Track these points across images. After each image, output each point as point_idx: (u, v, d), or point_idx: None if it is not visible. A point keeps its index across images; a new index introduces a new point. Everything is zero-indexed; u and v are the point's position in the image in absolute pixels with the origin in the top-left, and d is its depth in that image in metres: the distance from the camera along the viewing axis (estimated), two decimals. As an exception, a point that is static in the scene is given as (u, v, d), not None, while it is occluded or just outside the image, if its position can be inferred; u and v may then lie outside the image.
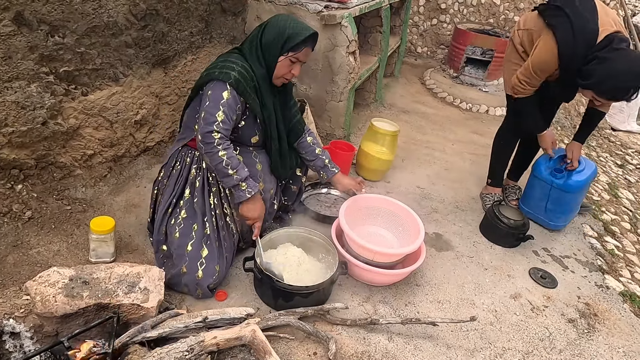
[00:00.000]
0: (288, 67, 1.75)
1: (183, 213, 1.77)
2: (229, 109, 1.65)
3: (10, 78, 1.69)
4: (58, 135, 1.94)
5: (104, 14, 1.93)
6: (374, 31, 3.58)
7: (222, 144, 1.64)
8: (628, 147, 4.57)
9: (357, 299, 1.87)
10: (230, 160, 1.65)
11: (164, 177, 1.86)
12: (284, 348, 1.58)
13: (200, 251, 1.72)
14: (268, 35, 1.73)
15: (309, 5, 2.68)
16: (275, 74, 1.77)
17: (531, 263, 2.26)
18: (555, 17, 2.05)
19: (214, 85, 1.65)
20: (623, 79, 1.91)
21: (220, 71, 1.66)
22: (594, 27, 1.97)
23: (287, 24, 1.72)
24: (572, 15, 1.99)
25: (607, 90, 1.97)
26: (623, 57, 1.92)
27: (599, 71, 1.93)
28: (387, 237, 2.16)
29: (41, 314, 1.37)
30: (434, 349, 1.69)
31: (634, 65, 1.91)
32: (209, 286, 1.70)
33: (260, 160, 1.90)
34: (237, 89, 1.65)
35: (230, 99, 1.64)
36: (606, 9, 2.07)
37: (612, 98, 2.04)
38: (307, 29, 1.73)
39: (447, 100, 4.37)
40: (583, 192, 2.42)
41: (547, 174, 2.39)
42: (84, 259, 1.84)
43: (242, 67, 1.69)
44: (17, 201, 1.88)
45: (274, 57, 1.73)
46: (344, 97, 2.88)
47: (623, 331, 1.91)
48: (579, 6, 2.02)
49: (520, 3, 5.24)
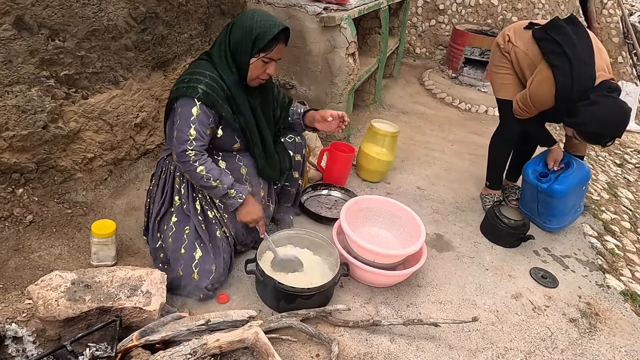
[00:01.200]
0: (261, 67, 1.68)
1: (174, 218, 1.78)
2: (200, 125, 1.61)
3: (11, 82, 1.69)
4: (59, 139, 1.94)
5: (104, 18, 1.94)
6: (372, 32, 3.59)
7: (197, 160, 1.62)
8: (627, 146, 4.58)
9: (359, 300, 1.87)
10: (210, 173, 1.64)
11: (154, 186, 1.87)
12: (286, 350, 1.58)
13: (194, 253, 1.72)
14: (235, 37, 1.65)
15: (308, 7, 2.69)
16: (249, 77, 1.70)
17: (532, 263, 2.27)
18: (555, 55, 2.03)
19: (183, 102, 1.61)
20: (605, 125, 1.95)
21: (188, 86, 1.60)
22: (592, 72, 1.99)
23: (254, 22, 1.62)
24: (572, 58, 1.98)
25: (588, 132, 2.01)
26: (611, 105, 1.95)
27: (585, 113, 1.96)
28: (388, 239, 2.16)
29: (44, 318, 1.37)
30: (437, 350, 1.69)
31: (619, 116, 1.95)
32: (206, 287, 1.69)
33: (245, 163, 1.86)
34: (207, 102, 1.60)
35: (200, 114, 1.60)
36: (601, 51, 2.07)
37: (589, 140, 2.10)
38: (275, 25, 1.64)
39: (446, 101, 4.38)
40: (571, 197, 2.35)
41: (533, 177, 2.39)
42: (85, 262, 1.84)
43: (211, 78, 1.62)
44: (18, 205, 1.88)
45: (244, 59, 1.66)
46: (343, 99, 2.88)
47: (625, 330, 1.92)
48: (578, 46, 2.01)
49: (518, 3, 5.26)
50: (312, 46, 2.76)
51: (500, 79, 2.36)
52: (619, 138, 2.05)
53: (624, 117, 1.96)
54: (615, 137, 2.01)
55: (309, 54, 2.80)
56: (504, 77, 2.34)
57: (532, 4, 5.23)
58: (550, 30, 2.09)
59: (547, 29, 2.12)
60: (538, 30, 2.16)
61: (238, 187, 1.71)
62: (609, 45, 5.48)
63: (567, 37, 2.03)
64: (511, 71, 2.31)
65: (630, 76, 5.50)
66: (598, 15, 5.53)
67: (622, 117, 1.96)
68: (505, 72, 2.32)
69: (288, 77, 2.96)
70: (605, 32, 5.53)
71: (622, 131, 2.00)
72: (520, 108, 2.25)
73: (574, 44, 2.01)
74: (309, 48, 2.78)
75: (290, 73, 2.94)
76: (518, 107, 2.26)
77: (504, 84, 2.35)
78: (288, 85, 2.96)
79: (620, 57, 5.51)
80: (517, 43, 2.23)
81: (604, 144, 2.05)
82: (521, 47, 2.21)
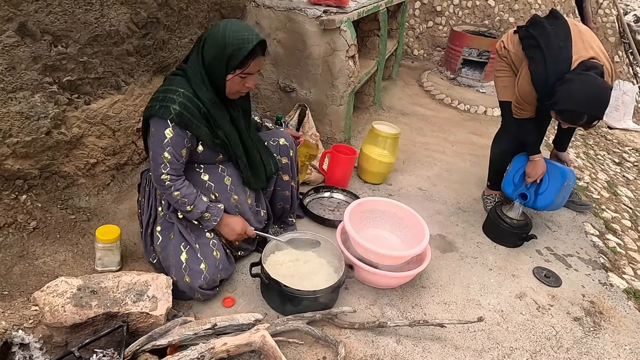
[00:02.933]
0: (240, 82, 1.62)
1: (159, 228, 1.78)
2: (174, 147, 1.58)
3: (14, 89, 1.69)
4: (62, 145, 1.94)
5: (106, 23, 1.94)
6: (371, 35, 3.60)
7: (172, 185, 1.62)
8: (625, 144, 4.61)
9: (364, 302, 1.88)
10: (186, 197, 1.64)
11: (142, 197, 1.88)
12: (293, 353, 1.58)
13: (180, 257, 1.70)
14: (209, 54, 1.57)
15: (307, 10, 2.70)
16: (227, 92, 1.64)
17: (535, 262, 2.27)
18: (531, 48, 2.10)
19: (156, 122, 1.56)
20: (579, 102, 1.88)
21: (161, 105, 1.55)
22: (567, 55, 1.97)
23: (226, 39, 1.53)
24: (545, 47, 2.02)
25: (563, 111, 1.95)
26: (584, 81, 1.88)
27: (560, 92, 1.92)
28: (391, 240, 2.17)
29: (50, 325, 1.37)
30: (443, 351, 1.69)
31: (593, 91, 1.87)
32: (200, 286, 1.67)
33: (229, 173, 1.82)
34: (180, 124, 1.55)
35: (173, 136, 1.56)
36: (582, 34, 2.05)
37: (567, 120, 2.00)
38: (249, 40, 1.54)
39: (445, 102, 4.40)
40: (558, 199, 2.34)
41: (515, 196, 2.38)
42: (90, 268, 1.84)
43: (185, 97, 1.56)
44: (22, 211, 1.88)
45: (220, 77, 1.59)
46: (344, 101, 2.89)
47: (629, 328, 1.92)
48: (552, 35, 2.03)
49: (515, 4, 5.29)
50: (312, 49, 2.77)
51: (501, 82, 2.42)
52: (599, 117, 1.93)
53: (598, 93, 1.87)
54: (594, 115, 1.91)
55: (309, 57, 2.81)
56: (503, 80, 2.40)
57: (528, 4, 5.26)
58: (529, 28, 2.17)
59: (527, 27, 2.19)
60: (521, 30, 2.23)
61: (213, 209, 1.70)
62: (606, 45, 5.51)
63: (542, 30, 2.08)
64: (510, 74, 2.36)
65: (627, 75, 5.53)
66: (594, 15, 5.57)
67: (596, 92, 1.87)
68: (505, 75, 2.39)
69: (288, 80, 2.96)
70: (601, 31, 5.56)
71: (598, 108, 1.89)
72: (515, 107, 2.28)
73: (548, 34, 2.05)
74: (309, 51, 2.79)
75: (290, 76, 2.94)
76: (514, 106, 2.29)
77: (504, 87, 2.40)
78: (288, 88, 2.97)
79: (616, 56, 5.55)
80: (509, 47, 2.31)
81: (583, 124, 1.96)
82: (512, 49, 2.29)
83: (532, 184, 2.33)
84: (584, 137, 4.38)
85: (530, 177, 2.31)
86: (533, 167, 2.31)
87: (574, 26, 2.08)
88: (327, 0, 2.79)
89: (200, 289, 1.68)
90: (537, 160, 2.30)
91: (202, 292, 1.70)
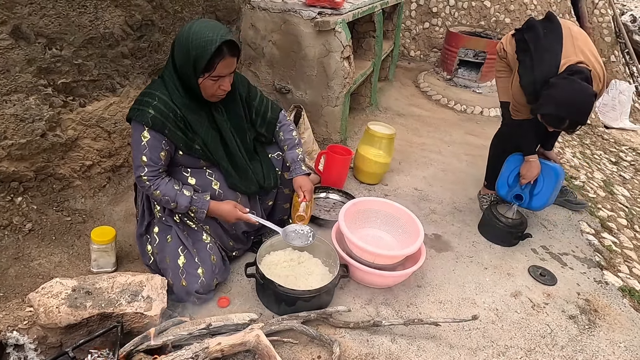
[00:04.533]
0: (213, 85, 1.57)
1: (156, 230, 1.78)
2: (151, 151, 1.59)
3: (8, 91, 1.70)
4: (57, 147, 1.95)
5: (100, 26, 1.95)
6: (367, 36, 3.62)
7: (151, 184, 1.62)
8: (622, 144, 4.62)
9: (359, 301, 1.88)
10: (167, 195, 1.64)
11: (138, 196, 1.88)
12: (288, 352, 1.59)
13: (178, 260, 1.70)
14: (178, 60, 1.55)
15: (302, 12, 2.71)
16: (204, 95, 1.61)
17: (530, 261, 2.28)
18: (522, 53, 2.13)
19: (134, 126, 1.59)
20: (560, 107, 1.88)
21: (138, 108, 1.57)
22: (556, 59, 1.97)
23: (189, 42, 1.48)
24: (534, 51, 2.04)
25: (546, 115, 1.95)
26: (567, 85, 1.88)
27: (544, 96, 1.93)
28: (386, 240, 2.17)
29: (45, 325, 1.37)
30: (437, 349, 1.70)
31: (573, 96, 1.86)
32: (197, 291, 1.68)
33: (216, 177, 1.79)
34: (155, 128, 1.56)
35: (150, 139, 1.57)
36: (575, 38, 2.04)
37: (551, 124, 1.99)
38: (212, 42, 1.46)
39: (442, 103, 4.41)
40: (552, 198, 2.36)
41: (510, 198, 2.39)
42: (85, 269, 1.84)
43: (161, 101, 1.56)
44: (17, 213, 1.88)
45: (192, 81, 1.56)
46: (339, 102, 2.90)
47: (624, 326, 1.93)
48: (542, 38, 2.05)
49: (511, 5, 5.31)
50: (308, 50, 2.79)
51: (501, 82, 2.44)
52: (581, 123, 1.93)
53: (579, 98, 1.86)
54: (576, 120, 1.90)
55: (304, 59, 2.82)
56: (503, 80, 2.42)
57: (524, 5, 5.28)
58: (524, 31, 2.19)
59: (522, 31, 2.21)
60: (516, 34, 2.25)
61: (197, 202, 1.68)
62: (602, 45, 5.53)
63: (534, 34, 2.10)
64: (509, 75, 2.37)
65: (623, 75, 5.55)
66: (590, 15, 5.59)
67: (578, 97, 1.86)
68: (505, 76, 2.41)
69: (284, 82, 2.97)
70: (597, 31, 5.58)
71: (579, 113, 1.88)
72: (512, 108, 2.31)
73: (539, 38, 2.06)
74: (304, 52, 2.80)
75: (286, 77, 2.96)
76: (511, 107, 2.31)
77: (504, 87, 2.42)
78: (284, 89, 2.98)
79: (612, 56, 5.56)
80: (507, 49, 2.33)
81: (565, 128, 1.96)
82: (509, 52, 2.31)
83: (527, 184, 2.34)
84: (581, 137, 4.39)
85: (525, 178, 2.32)
86: (528, 168, 2.31)
87: (567, 30, 2.09)
88: (321, 2, 2.80)
89: (196, 293, 1.69)
90: (532, 161, 2.31)
91: (199, 297, 1.70)
